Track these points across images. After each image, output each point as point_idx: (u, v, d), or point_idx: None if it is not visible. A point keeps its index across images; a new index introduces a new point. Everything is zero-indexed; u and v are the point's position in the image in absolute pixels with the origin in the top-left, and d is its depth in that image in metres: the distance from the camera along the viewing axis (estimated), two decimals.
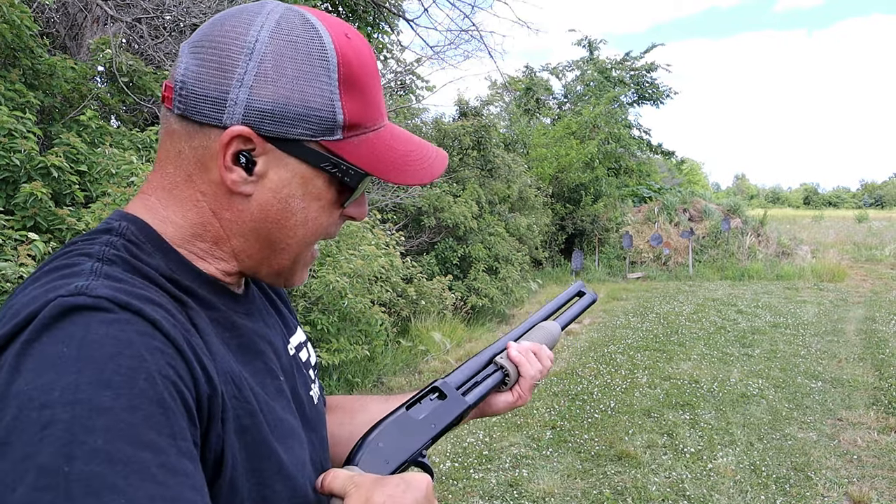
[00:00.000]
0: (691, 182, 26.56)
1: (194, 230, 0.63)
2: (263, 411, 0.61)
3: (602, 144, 14.83)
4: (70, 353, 0.46)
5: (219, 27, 0.60)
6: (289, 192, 0.61)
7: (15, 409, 0.45)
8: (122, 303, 0.50)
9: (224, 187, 0.61)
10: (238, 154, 0.59)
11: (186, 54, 0.60)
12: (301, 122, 0.59)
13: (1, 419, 0.45)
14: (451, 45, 8.81)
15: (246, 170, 0.60)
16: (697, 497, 3.49)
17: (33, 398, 0.44)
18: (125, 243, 0.58)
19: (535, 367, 0.85)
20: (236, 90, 0.58)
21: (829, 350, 6.69)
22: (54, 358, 0.46)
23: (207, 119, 0.59)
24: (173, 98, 0.59)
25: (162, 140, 0.63)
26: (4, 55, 4.20)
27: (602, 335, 7.55)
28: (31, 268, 2.72)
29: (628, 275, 12.78)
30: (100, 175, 3.84)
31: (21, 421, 0.44)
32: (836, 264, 12.87)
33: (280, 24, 0.59)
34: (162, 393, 0.48)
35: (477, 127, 9.86)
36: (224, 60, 0.58)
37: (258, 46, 0.58)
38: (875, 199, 75.48)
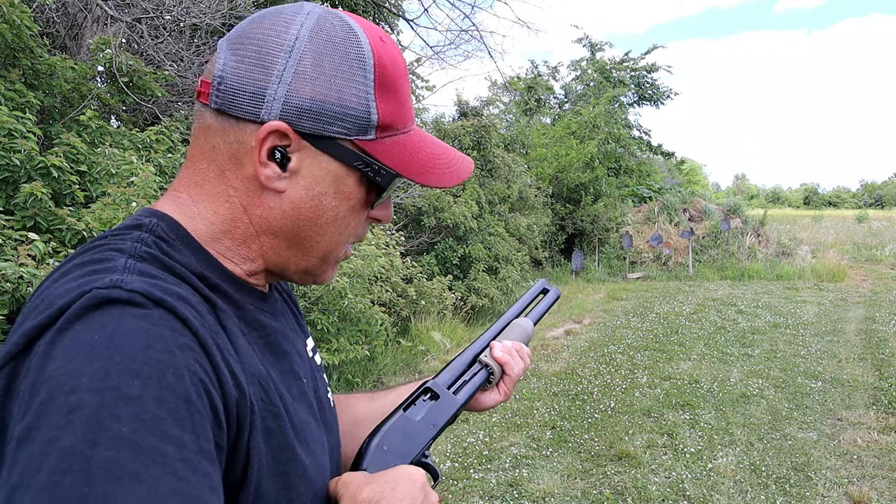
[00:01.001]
0: (691, 182, 26.56)
1: (224, 226, 0.62)
2: (289, 413, 0.60)
3: (602, 144, 14.83)
4: (101, 340, 0.47)
5: (258, 25, 0.61)
6: (321, 190, 0.62)
7: (45, 393, 0.45)
8: (156, 298, 0.50)
9: (256, 183, 0.61)
10: (273, 149, 0.60)
11: (225, 50, 0.61)
12: (337, 120, 0.60)
13: (31, 404, 0.45)
14: (451, 45, 8.82)
15: (280, 166, 0.60)
16: (697, 497, 3.49)
17: (62, 383, 0.45)
18: (156, 240, 0.58)
19: (519, 366, 0.87)
20: (275, 86, 0.59)
21: (829, 350, 6.69)
22: (85, 345, 0.46)
23: (245, 114, 0.59)
24: (210, 93, 0.60)
25: (195, 136, 0.63)
26: (4, 55, 4.20)
27: (602, 335, 7.55)
28: (31, 268, 2.72)
29: (628, 275, 12.78)
30: (100, 175, 3.84)
31: (49, 405, 0.44)
32: (836, 264, 12.87)
33: (319, 24, 0.60)
34: (189, 390, 0.48)
35: (477, 127, 9.87)
36: (264, 57, 0.59)
37: (298, 44, 0.59)
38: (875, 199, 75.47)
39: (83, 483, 0.42)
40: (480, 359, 0.83)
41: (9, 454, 0.45)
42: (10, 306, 2.65)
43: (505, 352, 0.86)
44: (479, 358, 0.83)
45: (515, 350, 0.88)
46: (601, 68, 19.47)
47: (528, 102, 19.34)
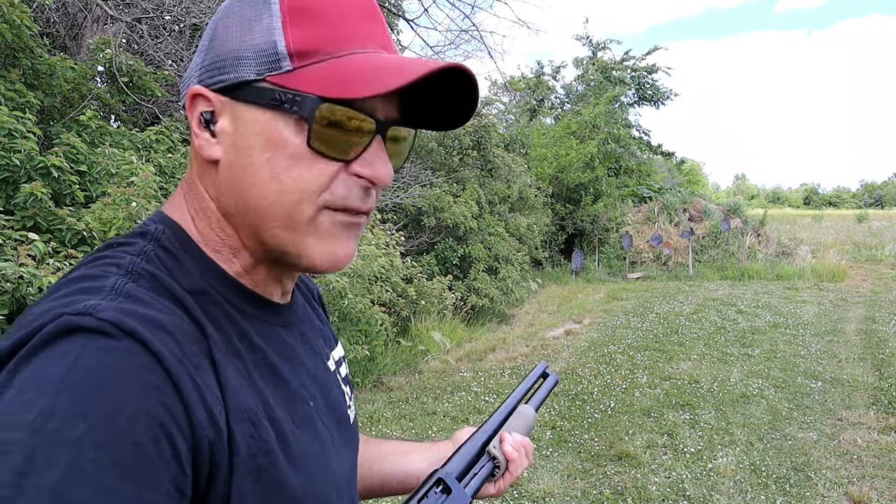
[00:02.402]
0: (692, 182, 26.55)
1: (206, 221, 0.59)
2: (286, 445, 0.57)
3: (602, 144, 14.83)
4: (56, 374, 0.43)
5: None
6: (248, 143, 0.55)
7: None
8: (128, 329, 0.46)
9: (201, 161, 0.57)
10: (201, 116, 0.56)
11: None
12: (240, 62, 0.55)
13: None
14: (451, 45, 8.81)
15: (211, 133, 0.56)
16: (697, 497, 3.49)
17: (5, 417, 0.42)
18: (159, 253, 0.55)
19: (523, 465, 0.85)
20: (198, 58, 0.58)
21: (829, 350, 6.69)
22: (39, 378, 0.43)
23: (184, 97, 0.58)
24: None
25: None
26: (4, 55, 4.20)
27: (602, 335, 7.54)
28: (31, 268, 2.72)
29: (628, 275, 12.78)
30: (100, 175, 3.84)
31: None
32: (836, 264, 12.87)
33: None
34: (142, 435, 0.44)
35: (477, 127, 9.86)
36: (203, 41, 0.59)
37: (219, 15, 0.58)
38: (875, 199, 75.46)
39: None
40: (490, 450, 0.81)
41: None
42: (10, 306, 2.65)
43: (515, 448, 0.84)
44: (488, 449, 0.81)
45: (524, 447, 0.85)
46: (603, 68, 19.48)
47: (529, 102, 19.35)
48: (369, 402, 5.03)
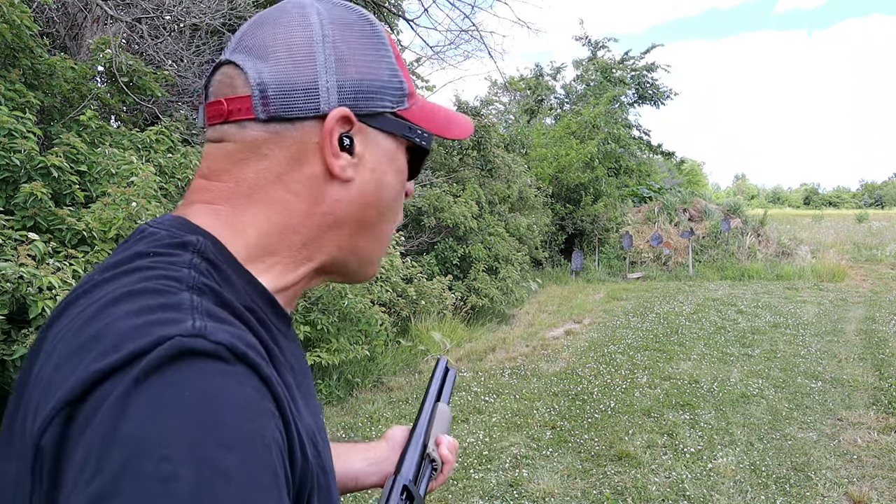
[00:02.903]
0: (692, 182, 26.55)
1: (277, 235, 0.59)
2: (327, 458, 0.57)
3: (602, 144, 14.83)
4: (190, 402, 0.41)
5: (270, 28, 0.59)
6: (383, 169, 0.62)
7: (124, 455, 0.39)
8: (240, 353, 0.45)
9: (321, 179, 0.59)
10: (342, 137, 0.59)
11: (248, 62, 0.58)
12: (384, 95, 0.61)
13: (104, 465, 0.39)
14: (451, 45, 8.83)
15: (349, 152, 0.60)
16: (697, 497, 3.49)
17: (149, 448, 0.39)
18: (208, 267, 0.53)
19: (452, 466, 0.91)
20: (324, 76, 0.58)
21: (829, 350, 6.69)
22: (172, 405, 0.41)
23: (302, 112, 0.58)
24: (253, 106, 0.57)
25: (228, 153, 0.59)
26: (4, 55, 4.20)
27: (602, 335, 7.55)
28: (31, 268, 2.72)
29: (628, 275, 12.78)
30: (100, 175, 3.84)
31: (133, 471, 0.39)
32: (836, 264, 12.87)
33: (331, 12, 0.61)
34: (275, 463, 0.44)
35: (477, 127, 9.86)
36: (300, 53, 0.58)
37: (326, 32, 0.59)
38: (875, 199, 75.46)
39: None
40: (430, 454, 0.86)
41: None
42: (10, 306, 2.65)
43: (450, 450, 0.89)
44: (428, 452, 0.86)
45: (454, 448, 0.90)
46: (602, 68, 19.48)
47: (529, 103, 19.35)
48: (369, 402, 5.03)
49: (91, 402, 0.42)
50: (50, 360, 0.48)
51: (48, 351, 0.50)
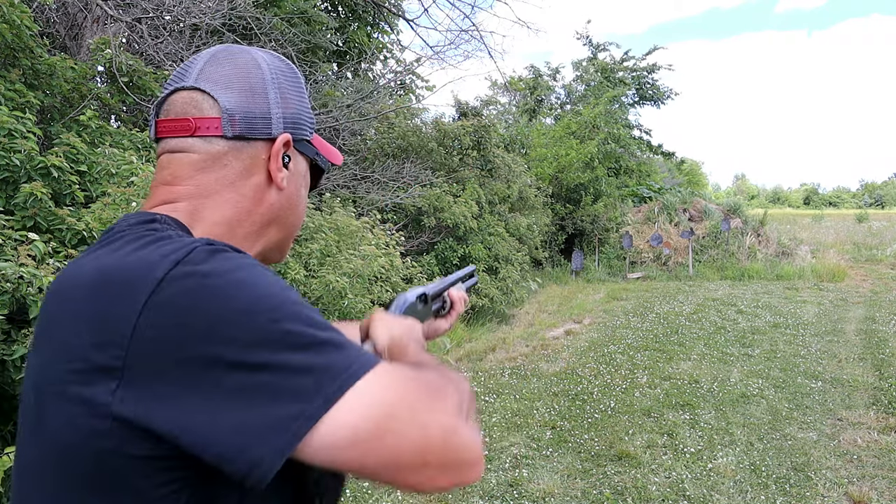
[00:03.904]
0: (692, 182, 26.52)
1: (226, 227, 0.76)
2: None
3: (602, 144, 14.82)
4: (245, 266, 0.62)
5: (231, 68, 0.77)
6: (299, 181, 0.83)
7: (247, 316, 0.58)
8: (239, 251, 0.67)
9: (264, 185, 0.78)
10: (284, 156, 0.79)
11: (217, 91, 0.75)
12: (306, 126, 0.82)
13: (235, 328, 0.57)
14: (451, 45, 8.82)
15: (286, 167, 0.80)
16: (697, 497, 3.49)
17: (251, 301, 0.59)
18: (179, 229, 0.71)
19: (461, 310, 1.16)
20: (275, 109, 0.78)
21: (829, 350, 6.68)
22: (236, 268, 0.62)
23: (260, 134, 0.77)
24: (222, 126, 0.75)
25: (193, 161, 0.76)
26: (4, 55, 4.20)
27: (602, 335, 7.54)
28: (31, 268, 2.72)
29: (628, 275, 12.77)
30: (100, 175, 3.84)
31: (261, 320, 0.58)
32: (836, 264, 12.87)
33: (269, 60, 0.81)
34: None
35: (477, 127, 9.86)
36: (257, 89, 0.77)
37: (271, 76, 0.78)
38: (875, 199, 75.45)
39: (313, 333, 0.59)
40: (443, 296, 1.14)
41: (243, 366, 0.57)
42: (10, 306, 2.65)
43: (459, 297, 1.16)
44: (442, 295, 1.14)
45: (463, 298, 1.17)
46: (603, 68, 19.47)
47: (529, 103, 19.34)
48: None
49: (161, 291, 0.59)
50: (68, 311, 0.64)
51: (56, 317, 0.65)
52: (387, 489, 3.57)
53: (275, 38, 6.97)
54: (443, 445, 0.60)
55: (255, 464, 0.56)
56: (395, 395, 0.60)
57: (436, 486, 0.61)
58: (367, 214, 7.21)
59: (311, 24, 8.36)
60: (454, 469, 0.61)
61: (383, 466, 0.58)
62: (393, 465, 0.58)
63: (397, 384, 0.61)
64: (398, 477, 0.59)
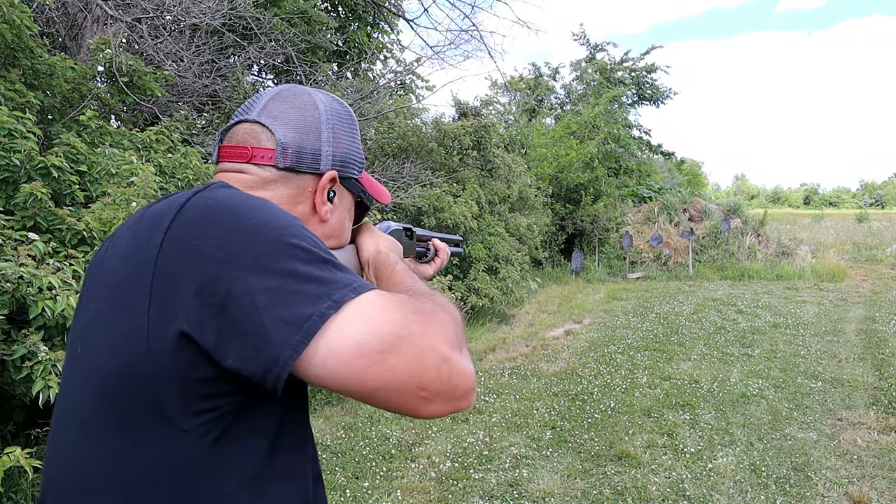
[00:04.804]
0: (692, 182, 26.48)
1: None
2: None
3: (602, 144, 14.81)
4: (258, 198, 0.74)
5: (290, 106, 0.85)
6: (344, 215, 0.91)
7: (255, 232, 0.65)
8: None
9: (308, 214, 0.85)
10: (329, 191, 0.86)
11: (276, 126, 0.83)
12: (355, 165, 0.90)
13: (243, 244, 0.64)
14: (451, 45, 8.81)
15: (330, 201, 0.87)
16: (697, 497, 3.49)
17: (269, 220, 0.67)
18: None
19: (443, 259, 1.24)
20: (326, 147, 0.85)
21: (829, 350, 6.68)
22: (237, 196, 0.72)
23: (308, 168, 0.84)
24: (276, 157, 0.82)
25: (244, 181, 0.82)
26: (4, 55, 4.20)
27: (602, 335, 7.54)
28: (31, 268, 2.72)
29: (628, 275, 12.77)
30: (100, 175, 3.83)
31: (266, 236, 0.66)
32: (836, 264, 12.86)
33: (330, 102, 0.89)
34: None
35: (477, 127, 9.86)
36: (312, 128, 0.85)
37: (325, 117, 0.86)
38: (875, 199, 75.42)
39: (314, 256, 0.66)
40: (427, 243, 1.24)
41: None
42: (10, 306, 2.65)
43: (443, 247, 1.25)
44: (427, 242, 1.24)
45: (445, 250, 1.25)
46: (602, 69, 19.46)
47: (529, 103, 19.34)
48: None
49: (180, 215, 0.68)
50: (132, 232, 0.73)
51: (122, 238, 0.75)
52: (387, 489, 3.57)
53: (275, 38, 6.97)
54: (437, 371, 0.63)
55: (273, 361, 0.60)
56: (396, 318, 0.63)
57: (429, 412, 0.63)
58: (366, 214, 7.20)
59: (311, 24, 8.35)
60: (448, 395, 0.64)
61: (382, 386, 0.61)
62: (392, 386, 0.61)
63: (397, 308, 0.64)
64: (393, 398, 0.62)
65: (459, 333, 0.70)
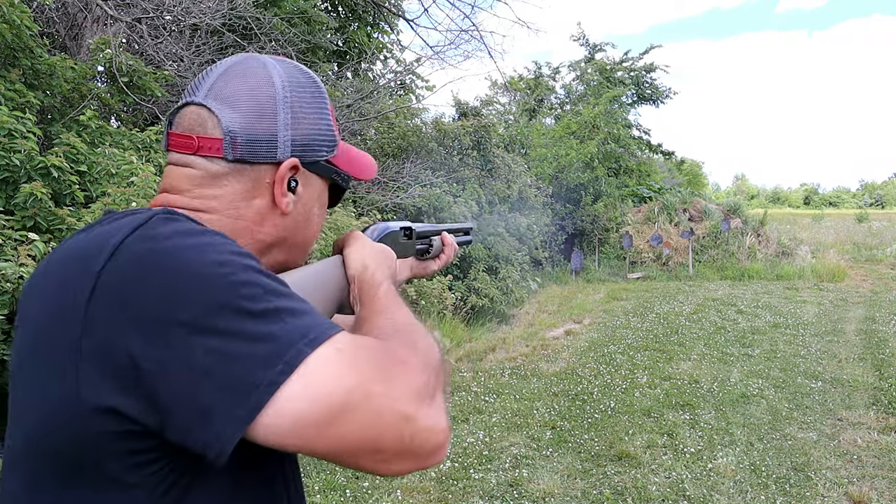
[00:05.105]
0: (692, 182, 26.49)
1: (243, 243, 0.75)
2: None
3: (602, 144, 14.82)
4: (204, 233, 0.62)
5: (241, 82, 0.73)
6: (312, 203, 0.79)
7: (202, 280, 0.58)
8: (193, 218, 0.68)
9: (267, 209, 0.75)
10: (290, 180, 0.75)
11: (223, 110, 0.71)
12: (322, 146, 0.77)
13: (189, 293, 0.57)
14: (451, 45, 8.81)
15: (292, 192, 0.75)
16: (697, 497, 3.49)
17: (216, 256, 0.60)
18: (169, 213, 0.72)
19: (450, 255, 1.17)
20: (283, 132, 0.73)
21: (829, 350, 6.68)
22: (190, 232, 0.62)
23: (263, 158, 0.73)
24: (224, 147, 0.71)
25: (191, 176, 0.73)
26: (4, 55, 4.20)
27: (602, 335, 7.54)
28: (31, 268, 2.72)
29: (628, 275, 12.77)
30: (100, 175, 3.84)
31: (217, 280, 0.58)
32: (836, 264, 12.86)
33: (290, 74, 0.76)
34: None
35: (477, 127, 9.86)
36: (265, 109, 0.72)
37: (286, 94, 0.74)
38: (875, 199, 75.42)
39: (269, 296, 0.59)
40: (432, 239, 1.17)
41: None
42: (10, 306, 2.65)
43: (451, 243, 1.17)
44: (431, 238, 1.16)
45: (453, 245, 1.18)
46: (601, 69, 19.46)
47: (529, 103, 19.34)
48: None
49: (114, 259, 0.58)
50: (50, 282, 0.63)
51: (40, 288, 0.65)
52: (387, 489, 3.57)
53: (275, 38, 6.97)
54: (398, 433, 0.58)
55: (215, 437, 0.54)
56: (352, 382, 0.57)
57: (390, 472, 0.60)
58: (367, 214, 7.21)
59: (311, 24, 8.35)
60: (411, 456, 0.59)
61: (333, 452, 0.57)
62: (345, 452, 0.57)
63: (353, 364, 0.58)
64: (347, 461, 0.58)
65: (433, 380, 0.65)
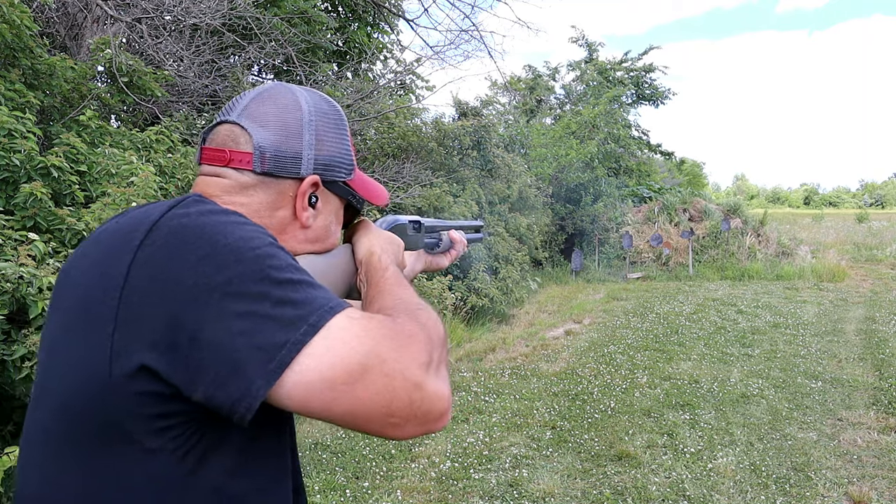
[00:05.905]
0: (692, 182, 26.48)
1: None
2: None
3: (602, 144, 14.81)
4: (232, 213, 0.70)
5: (272, 106, 0.81)
6: (330, 219, 0.87)
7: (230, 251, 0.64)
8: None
9: (288, 220, 0.83)
10: (311, 196, 0.83)
11: (254, 128, 0.80)
12: (341, 168, 0.86)
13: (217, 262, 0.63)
14: (451, 45, 8.81)
15: (312, 207, 0.84)
16: (697, 497, 3.49)
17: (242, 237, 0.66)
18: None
19: (459, 251, 1.22)
20: (307, 151, 0.82)
21: (829, 350, 6.68)
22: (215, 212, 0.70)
23: (288, 173, 0.81)
24: (253, 161, 0.79)
25: (223, 185, 0.80)
26: (4, 55, 4.20)
27: (602, 335, 7.54)
28: (31, 268, 2.72)
29: (628, 275, 12.77)
30: (100, 175, 3.83)
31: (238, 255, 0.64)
32: (836, 264, 12.85)
33: (312, 101, 0.84)
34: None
35: (477, 127, 9.86)
36: (292, 130, 0.81)
37: (309, 118, 0.82)
38: (875, 199, 75.39)
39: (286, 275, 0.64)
40: (442, 234, 1.21)
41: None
42: (10, 306, 2.65)
43: (460, 239, 1.22)
44: (440, 233, 1.21)
45: (462, 241, 1.23)
46: (601, 69, 19.46)
47: (528, 103, 19.34)
48: None
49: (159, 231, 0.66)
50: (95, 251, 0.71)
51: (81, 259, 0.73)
52: (387, 489, 3.57)
53: (275, 38, 6.97)
54: (408, 398, 0.62)
55: (245, 391, 0.59)
56: (367, 347, 0.62)
57: (400, 435, 0.64)
58: (366, 214, 7.21)
59: (311, 24, 8.35)
60: (419, 420, 0.64)
61: (349, 413, 0.61)
62: (360, 414, 0.61)
63: (368, 332, 0.63)
64: (361, 424, 0.62)
65: (438, 353, 0.70)
